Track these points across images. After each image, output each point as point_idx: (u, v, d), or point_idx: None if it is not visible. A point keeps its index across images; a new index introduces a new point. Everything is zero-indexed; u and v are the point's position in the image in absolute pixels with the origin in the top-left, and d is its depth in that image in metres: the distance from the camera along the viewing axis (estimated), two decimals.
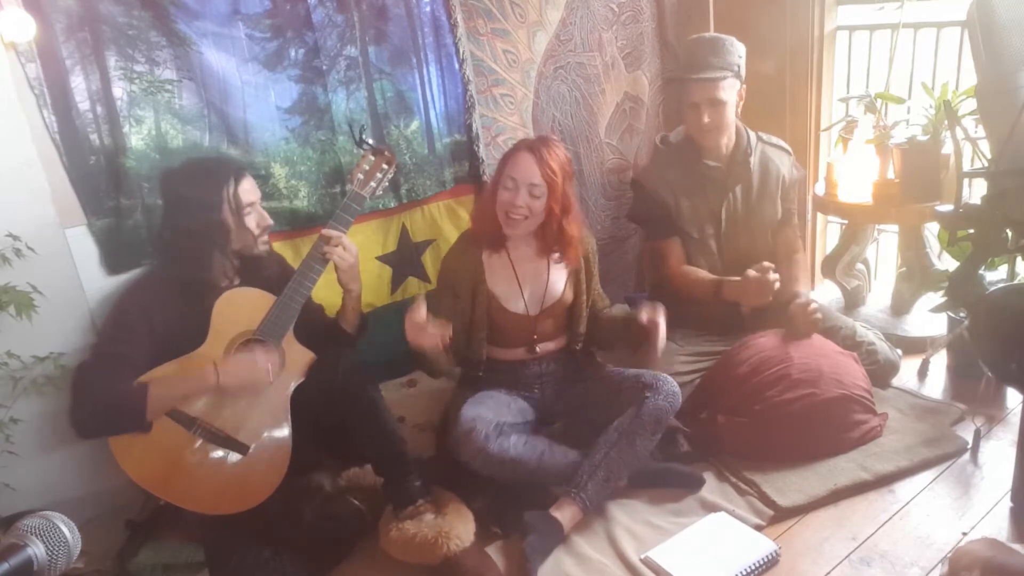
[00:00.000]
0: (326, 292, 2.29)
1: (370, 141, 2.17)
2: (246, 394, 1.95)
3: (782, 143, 2.66)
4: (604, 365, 2.32)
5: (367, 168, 2.11)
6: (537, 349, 2.25)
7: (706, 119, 2.42)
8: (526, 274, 2.21)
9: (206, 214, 1.93)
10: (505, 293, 2.19)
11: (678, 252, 2.57)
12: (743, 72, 2.47)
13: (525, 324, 2.22)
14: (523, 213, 2.08)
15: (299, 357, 2.03)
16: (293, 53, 2.33)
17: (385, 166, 2.13)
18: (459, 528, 1.91)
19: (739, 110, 2.51)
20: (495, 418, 2.05)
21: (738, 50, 2.45)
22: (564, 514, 1.97)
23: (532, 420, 2.22)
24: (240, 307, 1.98)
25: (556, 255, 2.22)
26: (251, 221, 2.00)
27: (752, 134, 2.57)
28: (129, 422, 1.85)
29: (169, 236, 1.99)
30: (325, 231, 2.04)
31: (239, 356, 1.94)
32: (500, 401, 2.16)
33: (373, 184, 2.11)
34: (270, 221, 2.07)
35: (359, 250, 2.50)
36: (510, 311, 2.19)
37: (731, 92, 2.43)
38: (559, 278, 2.25)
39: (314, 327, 2.12)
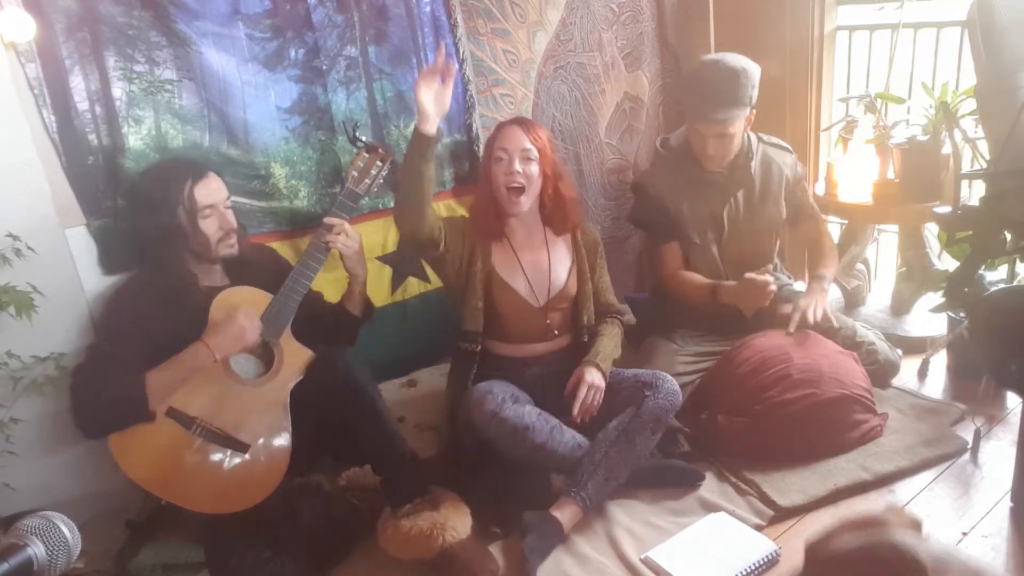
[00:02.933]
0: (327, 289, 2.29)
1: (364, 138, 2.17)
2: (243, 347, 1.96)
3: (782, 142, 2.65)
4: None
5: (361, 166, 2.10)
6: (556, 332, 2.26)
7: (711, 151, 2.40)
8: (528, 264, 2.22)
9: (162, 216, 1.92)
10: (511, 280, 2.20)
11: (676, 257, 2.56)
12: (755, 98, 2.40)
13: (532, 315, 2.22)
14: (521, 181, 2.11)
15: (298, 355, 2.03)
16: (293, 53, 2.33)
17: (380, 163, 2.12)
18: (455, 520, 1.90)
19: (747, 130, 2.47)
20: (509, 390, 2.07)
21: (753, 79, 2.38)
22: (564, 514, 1.97)
23: None
24: (238, 305, 1.98)
25: (557, 231, 2.25)
26: (209, 224, 1.97)
27: (753, 136, 2.56)
28: (132, 414, 1.85)
29: (138, 239, 1.98)
30: (327, 219, 2.04)
31: (219, 322, 1.93)
32: (509, 384, 2.16)
33: (368, 181, 2.11)
34: (234, 224, 2.03)
35: None
36: (520, 295, 2.20)
37: (741, 123, 2.38)
38: (561, 268, 2.25)
39: (317, 314, 2.12)
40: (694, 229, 2.53)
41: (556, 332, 2.26)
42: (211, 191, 1.97)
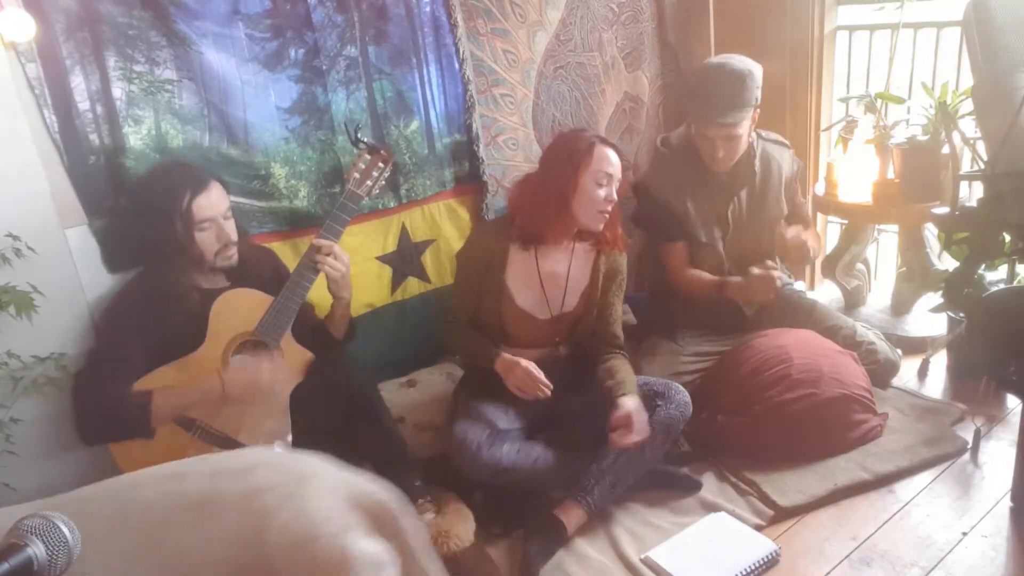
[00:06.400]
0: (322, 292, 2.29)
1: (365, 140, 2.16)
2: (250, 401, 1.94)
3: (780, 138, 2.65)
4: None
5: (363, 167, 2.10)
6: (562, 350, 2.26)
7: (721, 154, 2.39)
8: (547, 275, 2.19)
9: (159, 225, 1.90)
10: (522, 291, 2.18)
11: (682, 256, 2.55)
12: (760, 97, 2.40)
13: (536, 326, 2.21)
14: (610, 208, 2.11)
15: (298, 357, 2.03)
16: (293, 53, 2.33)
17: (381, 165, 2.11)
18: (459, 527, 1.91)
19: (753, 129, 2.47)
20: (488, 428, 2.06)
21: (757, 80, 2.38)
22: (569, 517, 1.97)
23: (528, 426, 2.21)
24: (238, 308, 1.98)
25: (589, 247, 2.23)
26: (206, 238, 1.93)
27: (753, 134, 2.56)
28: (134, 430, 1.85)
29: (138, 242, 1.97)
30: (316, 240, 2.01)
31: (244, 365, 1.92)
32: (496, 409, 2.15)
33: (369, 183, 2.10)
34: (232, 237, 1.97)
35: (360, 249, 2.52)
36: (523, 309, 2.18)
37: (747, 123, 2.38)
38: (576, 286, 2.23)
39: (302, 326, 2.10)
40: (700, 228, 2.52)
41: (562, 349, 2.27)
42: (211, 203, 1.92)
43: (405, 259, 2.68)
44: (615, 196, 2.11)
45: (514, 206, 2.19)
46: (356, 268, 2.40)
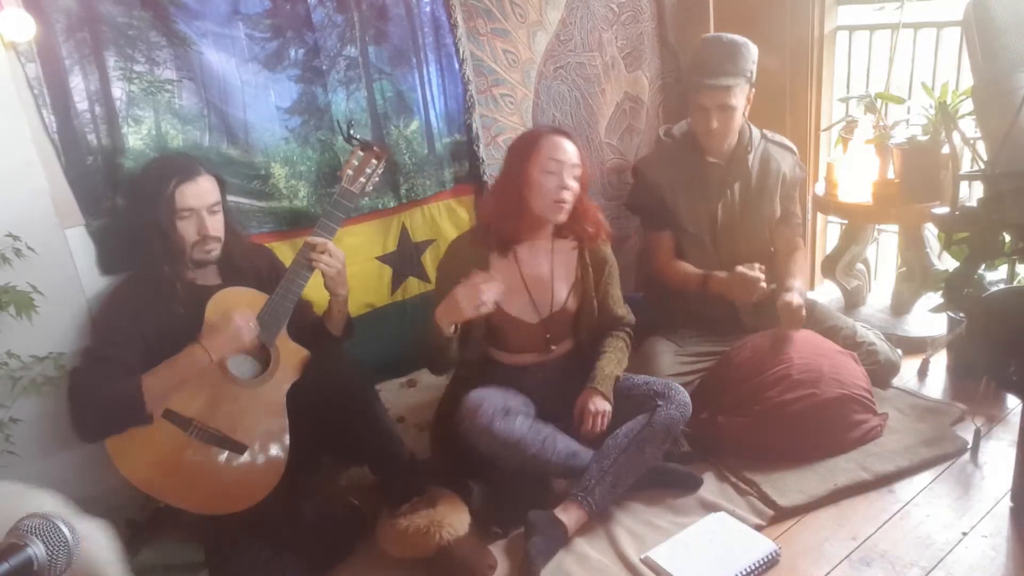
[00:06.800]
0: (317, 292, 2.29)
1: (358, 137, 2.16)
2: (238, 351, 1.95)
3: (787, 142, 2.65)
4: None
5: (356, 164, 2.09)
6: (553, 348, 2.24)
7: (715, 124, 2.41)
8: (531, 279, 2.19)
9: (146, 214, 1.92)
10: (509, 298, 2.15)
11: (668, 246, 2.57)
12: (754, 75, 2.45)
13: (529, 330, 2.20)
14: (570, 197, 2.08)
15: (293, 355, 2.03)
16: (293, 53, 2.33)
17: (374, 161, 2.11)
18: (452, 518, 1.91)
19: (747, 112, 2.50)
20: (502, 401, 2.05)
21: (752, 55, 2.42)
22: (569, 516, 1.96)
23: (533, 413, 2.20)
24: (234, 306, 1.97)
25: (571, 245, 2.21)
26: (186, 227, 1.93)
27: (756, 131, 2.57)
28: (130, 417, 1.85)
29: (131, 236, 1.98)
30: (310, 239, 2.02)
31: (215, 324, 1.91)
32: (507, 393, 2.14)
33: (363, 180, 2.10)
34: (212, 232, 1.97)
35: (360, 249, 2.52)
36: (513, 316, 2.17)
37: (742, 97, 2.41)
38: (563, 284, 2.23)
39: (300, 324, 2.10)
40: (689, 219, 2.54)
41: (553, 347, 2.24)
42: (197, 194, 1.93)
43: (405, 259, 2.68)
44: (570, 184, 2.07)
45: (483, 214, 2.21)
46: (356, 268, 2.41)
